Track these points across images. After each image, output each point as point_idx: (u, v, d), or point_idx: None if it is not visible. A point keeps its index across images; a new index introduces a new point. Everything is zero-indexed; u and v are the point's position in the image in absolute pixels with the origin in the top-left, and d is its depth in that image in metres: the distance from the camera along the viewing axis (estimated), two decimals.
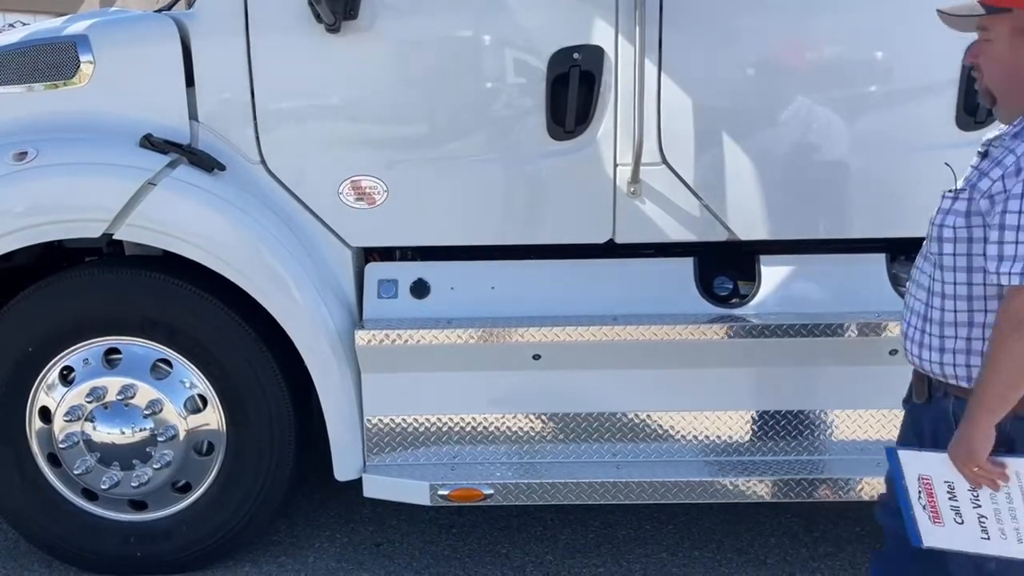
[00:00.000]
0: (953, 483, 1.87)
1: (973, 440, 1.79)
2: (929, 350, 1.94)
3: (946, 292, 1.89)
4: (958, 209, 1.87)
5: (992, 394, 1.77)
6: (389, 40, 2.81)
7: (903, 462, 1.94)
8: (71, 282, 2.91)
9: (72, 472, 2.94)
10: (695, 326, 2.85)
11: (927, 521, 1.93)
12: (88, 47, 2.85)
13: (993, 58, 1.87)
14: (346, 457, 2.96)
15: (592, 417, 2.97)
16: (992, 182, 1.80)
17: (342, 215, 2.92)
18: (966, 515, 1.88)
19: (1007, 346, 1.74)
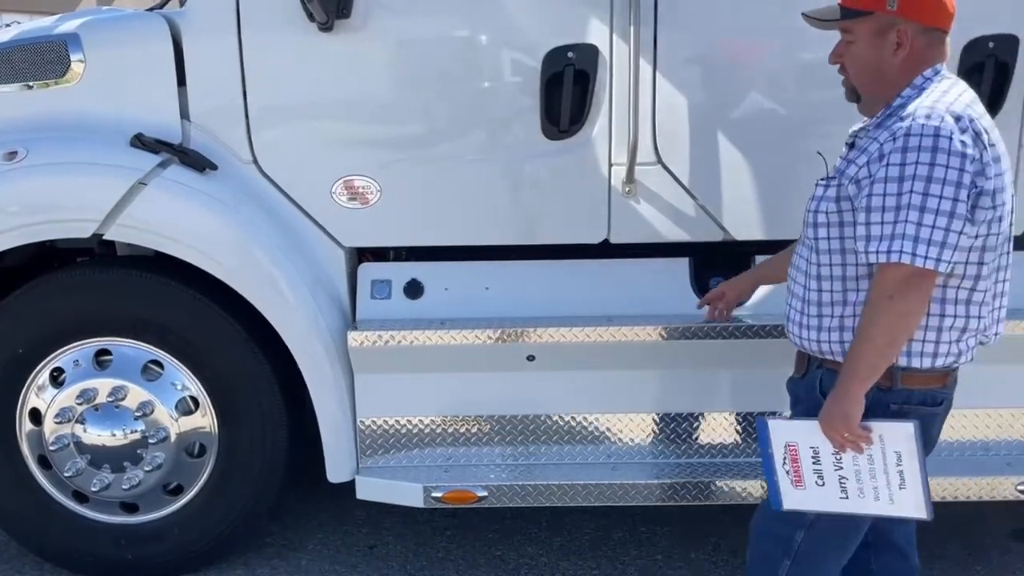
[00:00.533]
0: (818, 448, 2.00)
1: (848, 407, 1.90)
2: (808, 329, 2.06)
3: (822, 274, 2.02)
4: (829, 195, 1.99)
5: (865, 363, 1.88)
6: (382, 39, 2.78)
7: (772, 431, 2.07)
8: (61, 283, 2.89)
9: (63, 474, 2.92)
10: (690, 327, 2.83)
11: (789, 485, 2.07)
12: (79, 46, 2.82)
13: (855, 58, 2.01)
14: (339, 459, 2.94)
15: (587, 419, 2.95)
16: (858, 168, 1.92)
17: (335, 215, 2.90)
18: (828, 477, 2.03)
19: (878, 318, 1.86)
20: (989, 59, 2.72)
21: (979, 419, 2.93)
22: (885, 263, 1.83)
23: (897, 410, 1.97)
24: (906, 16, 1.92)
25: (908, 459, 1.95)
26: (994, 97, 2.76)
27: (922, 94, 1.92)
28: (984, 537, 3.29)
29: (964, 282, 1.94)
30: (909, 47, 1.94)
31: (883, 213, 1.83)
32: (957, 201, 1.80)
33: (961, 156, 1.80)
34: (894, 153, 1.84)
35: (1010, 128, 2.80)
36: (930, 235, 1.79)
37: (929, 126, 1.82)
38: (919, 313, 1.88)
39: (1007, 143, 2.75)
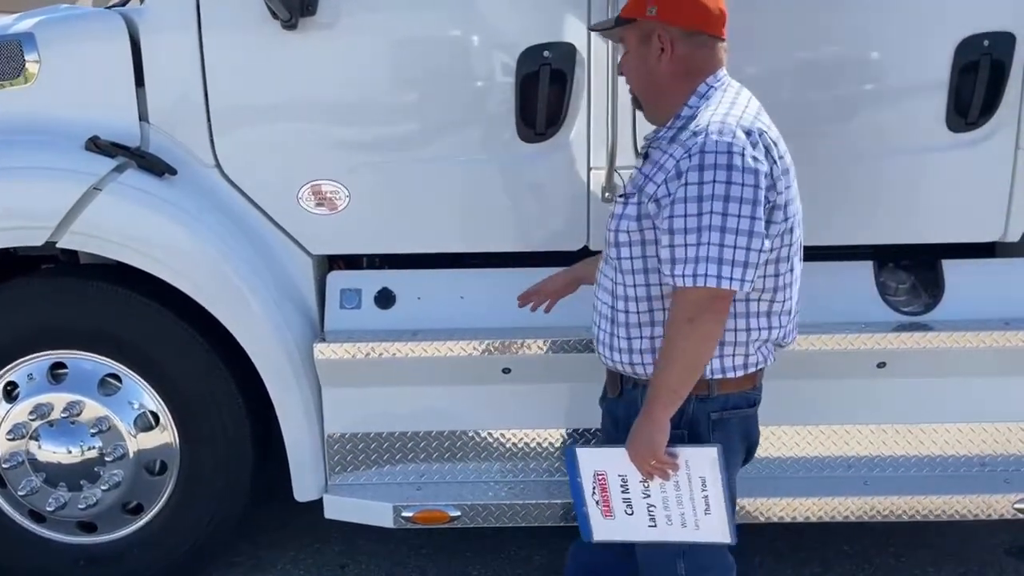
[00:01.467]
0: (627, 476, 1.99)
1: (652, 433, 1.89)
2: (619, 352, 2.02)
3: (628, 294, 1.98)
4: (629, 214, 1.95)
5: (667, 389, 1.88)
6: (350, 38, 2.65)
7: (580, 460, 2.04)
8: (13, 293, 2.76)
9: (16, 493, 2.79)
10: None
11: (599, 515, 2.06)
12: (34, 45, 2.70)
13: (631, 67, 2.04)
14: (306, 476, 2.81)
15: (566, 434, 2.83)
16: (656, 186, 1.89)
17: (302, 221, 2.78)
18: (636, 506, 2.02)
19: (677, 343, 1.86)
20: (984, 58, 2.61)
21: (975, 434, 2.82)
22: (690, 286, 1.81)
23: (718, 418, 2.00)
24: (664, 21, 1.94)
25: (712, 484, 1.95)
26: (989, 98, 2.65)
27: (709, 103, 1.92)
28: (981, 555, 3.16)
29: (764, 295, 1.96)
30: (672, 51, 1.94)
31: (685, 235, 1.81)
32: (755, 219, 1.80)
33: (755, 173, 1.80)
34: (691, 172, 1.82)
35: (1006, 130, 2.69)
36: (732, 256, 1.79)
37: (722, 143, 1.81)
38: (718, 334, 1.88)
39: (1003, 145, 2.71)
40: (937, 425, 2.83)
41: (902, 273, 2.94)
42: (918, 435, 2.83)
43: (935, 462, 2.85)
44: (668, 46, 1.94)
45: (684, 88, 1.95)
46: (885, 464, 2.85)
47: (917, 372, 2.77)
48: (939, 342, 2.71)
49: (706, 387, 1.96)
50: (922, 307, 2.86)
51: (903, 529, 3.19)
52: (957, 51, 2.63)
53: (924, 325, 2.77)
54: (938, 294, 2.85)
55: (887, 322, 2.78)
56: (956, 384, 2.79)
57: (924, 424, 2.83)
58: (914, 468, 2.84)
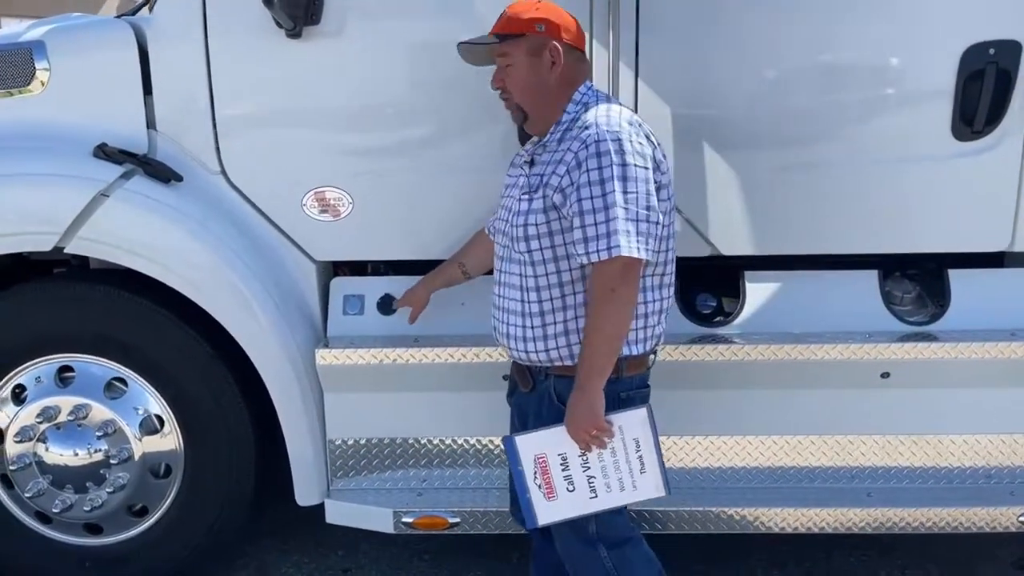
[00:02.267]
0: (566, 453, 2.11)
1: (591, 404, 2.04)
2: (533, 341, 2.16)
3: (540, 284, 2.14)
4: (536, 208, 2.11)
5: (600, 356, 2.04)
6: (353, 46, 2.67)
7: (520, 447, 2.14)
8: (22, 297, 2.80)
9: (24, 494, 2.83)
10: (673, 346, 2.70)
11: (542, 499, 2.15)
12: (44, 53, 2.75)
13: (518, 80, 2.18)
14: (308, 481, 2.83)
15: None
16: (560, 178, 2.07)
17: (306, 228, 2.80)
18: (577, 481, 2.13)
19: (605, 310, 2.02)
20: (990, 66, 2.59)
21: (980, 445, 2.79)
22: (606, 259, 1.98)
23: (626, 397, 2.16)
24: (553, 36, 2.15)
25: (645, 443, 2.12)
26: (995, 106, 2.62)
27: (588, 106, 2.13)
28: (988, 569, 3.12)
29: (656, 268, 2.17)
30: (563, 63, 2.15)
31: (594, 215, 2.00)
32: (649, 195, 2.04)
33: (643, 156, 2.05)
34: (590, 159, 2.02)
35: (1012, 139, 2.66)
36: (636, 227, 2.00)
37: (612, 131, 2.03)
38: (634, 300, 2.07)
39: (1009, 154, 2.68)
40: (943, 436, 2.80)
41: (908, 282, 2.91)
42: (923, 446, 2.80)
43: (940, 474, 2.82)
44: (559, 59, 2.15)
45: (564, 97, 2.17)
46: (890, 475, 2.82)
47: (922, 382, 2.74)
48: (943, 353, 2.68)
49: (616, 369, 2.09)
50: (928, 317, 2.83)
51: (909, 541, 3.16)
52: (962, 59, 2.60)
53: (928, 335, 2.75)
54: (944, 304, 2.82)
55: (891, 332, 2.76)
56: (961, 395, 2.76)
57: (929, 435, 2.80)
58: (919, 480, 2.82)
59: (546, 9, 2.19)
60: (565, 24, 2.19)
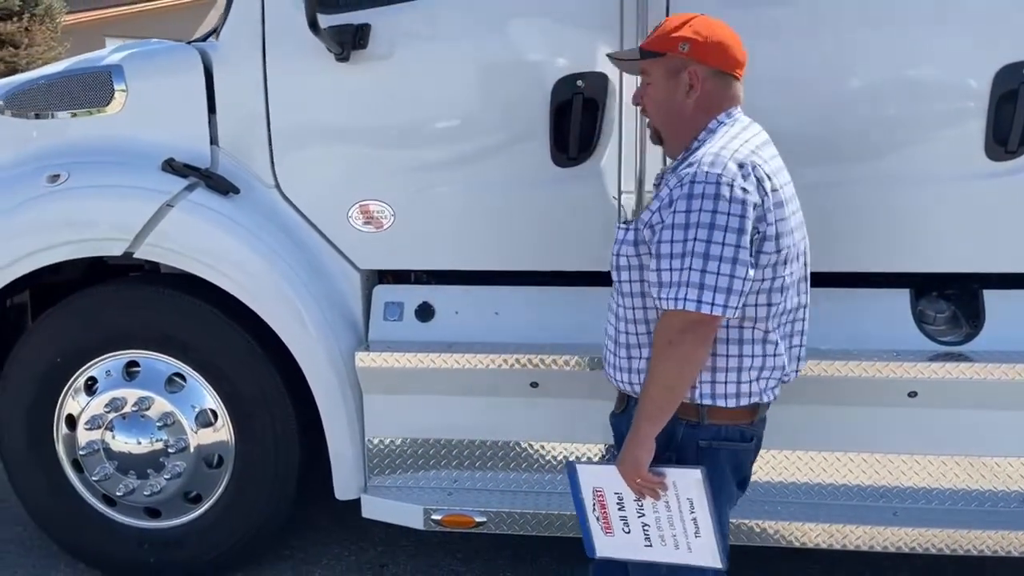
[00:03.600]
0: (622, 494, 2.03)
1: (637, 452, 1.95)
2: (620, 371, 2.11)
3: (627, 316, 2.07)
4: (628, 239, 2.04)
5: (651, 406, 1.94)
6: (397, 69, 2.85)
7: (580, 476, 2.09)
8: (97, 297, 3.07)
9: (91, 478, 3.09)
10: None
11: (600, 532, 2.10)
12: (122, 76, 3.02)
13: (653, 100, 2.09)
14: (346, 477, 3.00)
15: (591, 448, 2.91)
16: (651, 213, 1.98)
17: (351, 238, 2.99)
18: (632, 524, 2.06)
19: (658, 363, 1.93)
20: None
21: (1013, 468, 2.75)
22: (672, 309, 1.87)
23: (707, 446, 2.02)
24: (696, 59, 2.01)
25: (699, 506, 1.97)
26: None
27: (713, 138, 2.00)
28: None
29: (758, 323, 1.99)
30: (701, 88, 2.02)
31: (671, 260, 1.89)
32: (739, 247, 1.85)
33: (742, 203, 1.86)
34: (680, 200, 1.90)
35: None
36: (715, 282, 1.84)
37: (712, 174, 1.88)
38: (700, 358, 1.92)
39: None
40: (973, 458, 2.77)
41: (942, 302, 2.90)
42: (952, 467, 2.78)
43: (970, 496, 2.79)
44: (697, 83, 2.02)
45: (701, 123, 2.03)
46: (917, 495, 2.80)
47: (951, 403, 2.72)
48: (972, 373, 2.66)
49: (695, 413, 2.00)
50: (962, 337, 2.81)
51: (939, 563, 3.11)
52: (996, 79, 2.60)
53: (959, 356, 2.73)
54: (979, 324, 2.80)
55: (920, 351, 2.76)
56: (993, 417, 2.73)
57: (959, 456, 2.78)
58: (948, 501, 2.79)
59: (699, 26, 2.03)
60: (715, 45, 2.01)
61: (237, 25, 2.92)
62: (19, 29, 18.30)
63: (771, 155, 2.03)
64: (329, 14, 2.80)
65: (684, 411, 1.99)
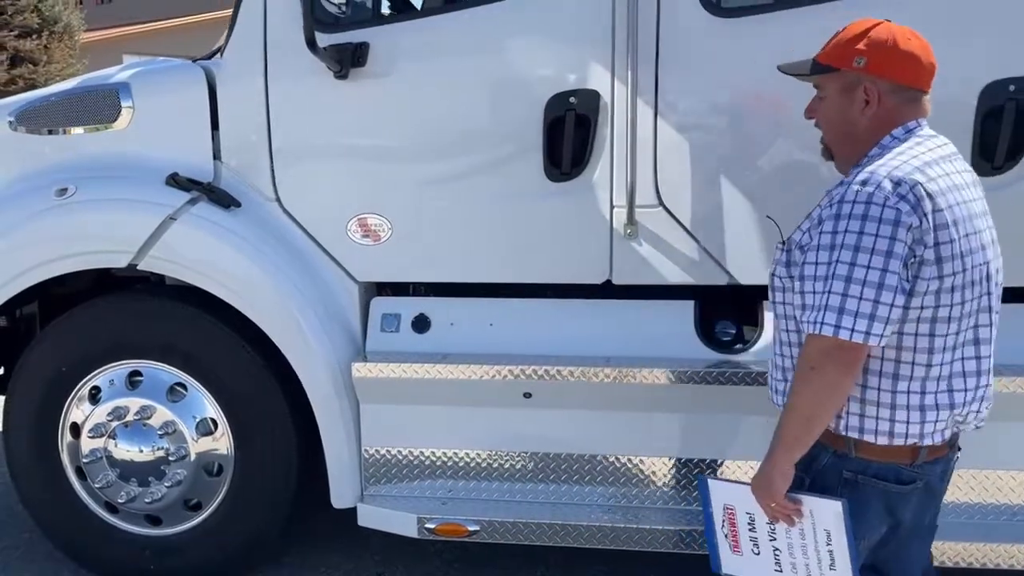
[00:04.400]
0: (754, 515, 1.98)
1: (772, 476, 1.87)
2: (778, 395, 2.03)
3: (783, 339, 2.01)
4: (782, 260, 1.99)
5: (789, 433, 1.85)
6: (394, 86, 2.92)
7: (711, 490, 2.06)
8: (101, 308, 3.15)
9: (94, 485, 3.15)
10: (687, 370, 2.80)
11: (727, 549, 2.05)
12: (129, 94, 3.12)
13: (826, 115, 1.99)
14: (343, 486, 3.05)
15: (584, 459, 2.95)
16: (802, 233, 1.93)
17: (349, 251, 3.05)
18: (762, 547, 1.99)
19: (798, 388, 1.84)
20: (1009, 103, 2.62)
21: None
22: (811, 333, 1.79)
23: (851, 479, 1.90)
24: (874, 74, 1.88)
25: (837, 539, 1.87)
26: (1015, 144, 2.64)
27: (883, 154, 1.86)
28: None
29: (917, 356, 1.83)
30: (877, 105, 1.89)
31: (815, 282, 1.81)
32: (887, 272, 1.73)
33: (894, 224, 1.74)
34: (828, 220, 1.82)
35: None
36: (856, 307, 1.73)
37: (862, 192, 1.77)
38: (843, 387, 1.80)
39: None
40: (989, 471, 2.75)
41: None
42: (968, 480, 2.75)
43: (987, 509, 2.78)
44: (874, 100, 1.89)
45: (875, 139, 1.90)
46: None
47: None
48: None
49: (843, 444, 1.89)
50: None
51: None
52: (981, 96, 2.64)
53: None
54: None
55: None
56: (1012, 429, 2.70)
57: (975, 470, 2.73)
58: (965, 515, 2.77)
59: (879, 35, 1.87)
60: (897, 58, 1.86)
61: (240, 44, 3.01)
62: (38, 47, 18.63)
63: (947, 171, 1.85)
64: (328, 33, 2.88)
65: (831, 439, 1.90)
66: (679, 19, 2.75)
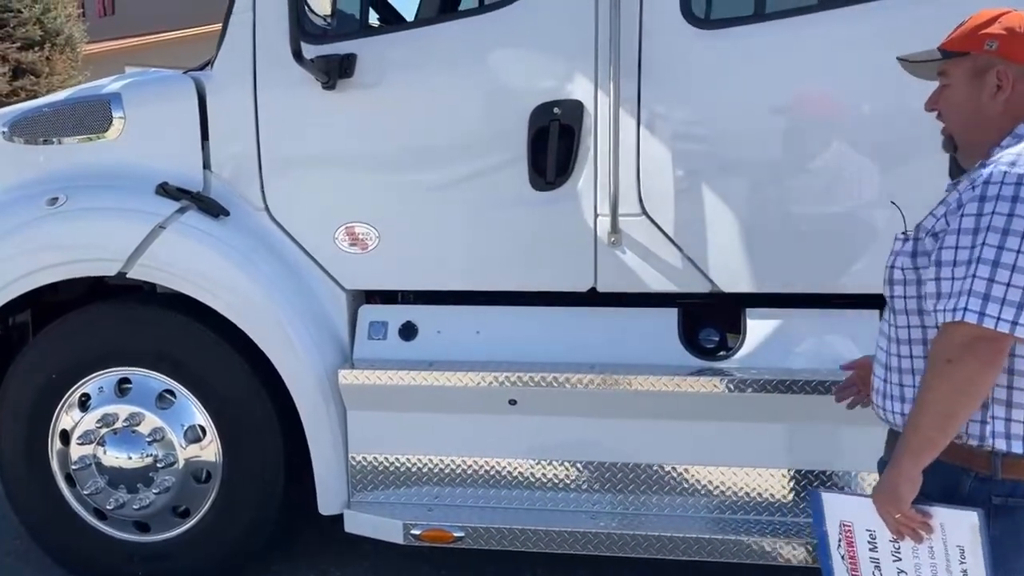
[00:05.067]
0: (875, 532, 1.78)
1: (897, 483, 1.70)
2: (891, 399, 1.86)
3: (901, 337, 1.84)
4: (906, 251, 1.84)
5: (919, 436, 1.68)
6: (382, 96, 2.97)
7: (826, 505, 1.87)
8: (93, 316, 3.18)
9: (83, 492, 3.17)
10: (671, 377, 2.83)
11: (844, 572, 1.86)
12: (120, 104, 3.16)
13: (952, 103, 1.86)
14: (330, 492, 3.07)
15: (568, 465, 2.97)
16: (936, 220, 1.77)
17: (337, 259, 3.08)
18: (885, 568, 1.79)
19: (932, 384, 1.67)
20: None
21: None
22: (949, 322, 1.63)
23: (1002, 504, 1.70)
24: (1007, 57, 1.76)
25: (972, 556, 1.67)
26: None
27: (1020, 144, 1.73)
28: None
29: None
30: (1011, 90, 1.77)
31: (953, 268, 1.65)
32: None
33: None
34: (971, 203, 1.67)
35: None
36: (1004, 294, 1.58)
37: (1012, 173, 1.64)
38: (985, 383, 1.64)
39: None
40: None
41: None
42: None
43: None
44: (1007, 84, 1.77)
45: (1006, 128, 1.78)
46: None
47: None
48: None
49: (986, 464, 1.70)
50: None
51: None
52: None
53: None
54: None
55: None
56: None
57: None
58: None
59: (1011, 21, 1.78)
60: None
61: (229, 55, 3.05)
62: (40, 58, 18.71)
63: None
64: (316, 44, 2.93)
65: (971, 459, 1.72)
66: (661, 31, 2.79)
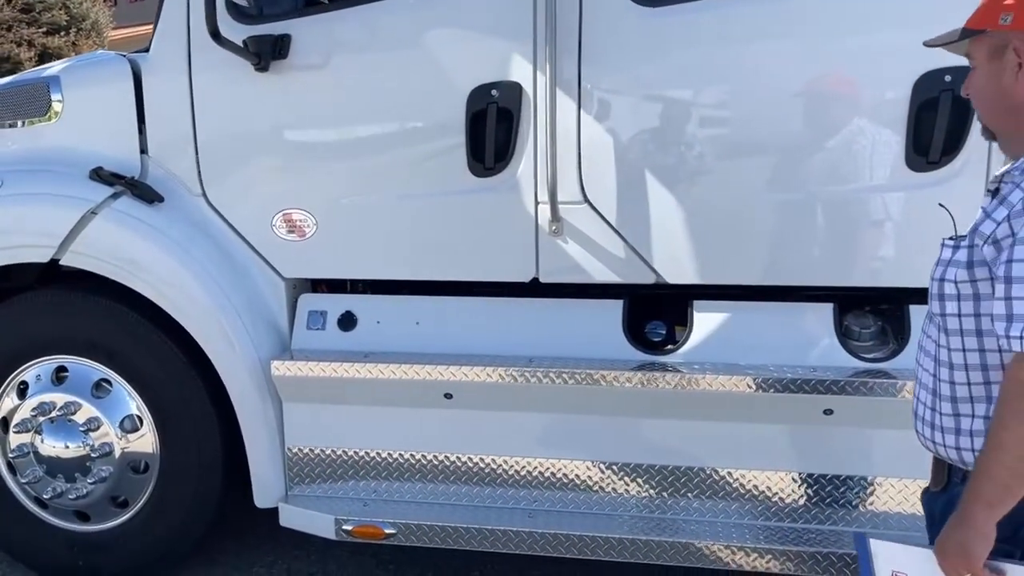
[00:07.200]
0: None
1: (968, 539, 1.51)
2: (942, 432, 1.65)
3: (954, 361, 1.61)
4: (959, 260, 1.59)
5: (993, 482, 1.50)
6: (317, 79, 2.87)
7: (874, 552, 1.68)
8: (26, 304, 3.13)
9: (22, 480, 3.14)
10: (610, 371, 2.71)
11: None
12: (59, 87, 3.10)
13: (977, 86, 1.69)
14: (266, 485, 3.01)
15: (505, 461, 2.87)
16: (996, 224, 1.53)
17: (275, 247, 3.00)
18: None
19: (1008, 424, 1.48)
20: (944, 94, 2.48)
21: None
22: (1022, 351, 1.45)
23: None
24: (1022, 30, 1.58)
25: None
26: (954, 135, 2.51)
27: None
28: None
29: None
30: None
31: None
32: None
33: None
34: None
35: (974, 169, 2.53)
36: None
37: None
38: None
39: (966, 188, 2.53)
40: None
41: (870, 318, 2.81)
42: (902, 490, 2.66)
43: None
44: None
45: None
46: None
47: (867, 422, 2.62)
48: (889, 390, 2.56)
49: None
50: (888, 353, 2.71)
51: None
52: (915, 88, 2.51)
53: (879, 372, 2.63)
54: (905, 340, 2.69)
55: (844, 367, 2.66)
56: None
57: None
58: None
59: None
60: None
61: (164, 36, 2.97)
62: (66, 43, 18.88)
63: None
64: (250, 24, 2.83)
65: None
66: (602, 8, 2.65)
